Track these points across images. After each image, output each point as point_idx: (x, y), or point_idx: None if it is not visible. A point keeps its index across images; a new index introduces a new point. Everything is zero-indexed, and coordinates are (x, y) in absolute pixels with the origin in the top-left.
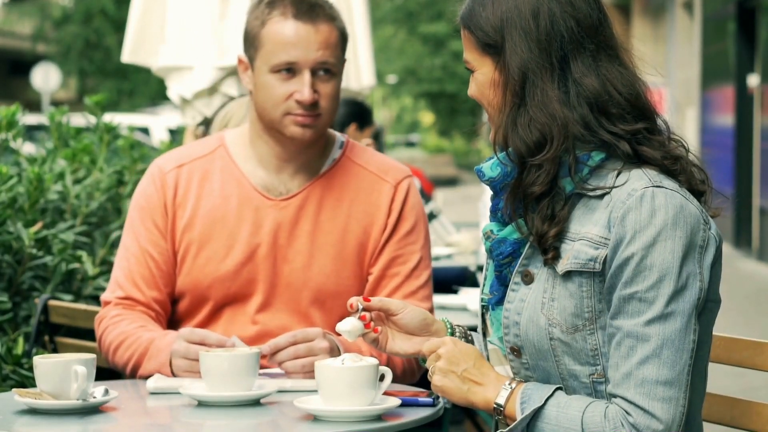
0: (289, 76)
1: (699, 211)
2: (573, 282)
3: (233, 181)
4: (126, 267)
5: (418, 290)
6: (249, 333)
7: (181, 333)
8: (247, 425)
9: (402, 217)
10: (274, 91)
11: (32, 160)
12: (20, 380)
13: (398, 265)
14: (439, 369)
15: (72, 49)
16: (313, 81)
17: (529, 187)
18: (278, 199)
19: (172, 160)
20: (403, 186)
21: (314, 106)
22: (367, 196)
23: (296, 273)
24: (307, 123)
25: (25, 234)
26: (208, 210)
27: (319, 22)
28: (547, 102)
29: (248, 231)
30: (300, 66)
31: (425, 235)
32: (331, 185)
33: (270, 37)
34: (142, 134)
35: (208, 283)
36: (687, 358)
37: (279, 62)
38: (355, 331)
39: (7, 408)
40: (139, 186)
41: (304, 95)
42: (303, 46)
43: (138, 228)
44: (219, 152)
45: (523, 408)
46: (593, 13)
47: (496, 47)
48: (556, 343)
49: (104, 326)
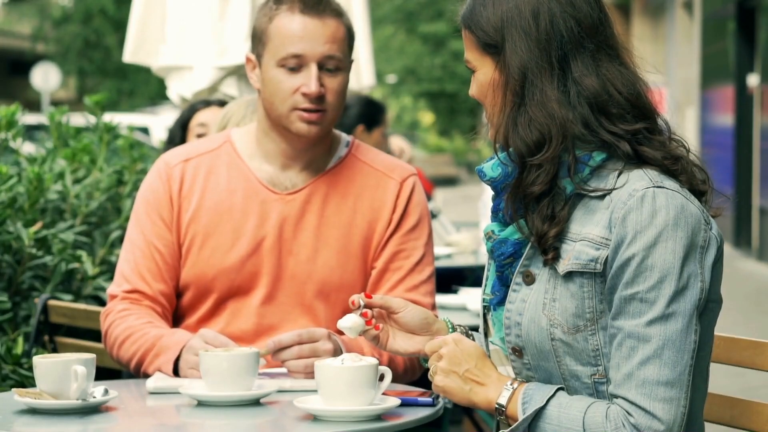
0: (296, 70)
1: (700, 211)
2: (574, 282)
3: (239, 176)
4: (132, 260)
5: (421, 285)
6: (251, 325)
7: (203, 332)
8: (246, 425)
9: (407, 213)
10: (281, 85)
11: (32, 160)
12: (20, 380)
13: (401, 260)
14: (441, 369)
15: (71, 49)
16: (320, 75)
17: (529, 187)
18: (284, 193)
19: (178, 155)
20: (408, 183)
21: (320, 100)
22: (372, 192)
23: (301, 266)
24: (312, 119)
25: (24, 234)
26: (214, 203)
27: (326, 17)
28: (547, 102)
29: (254, 224)
30: (307, 59)
31: (429, 233)
32: (337, 181)
33: (277, 31)
34: (142, 134)
35: (213, 274)
36: (688, 359)
37: (286, 55)
38: (357, 328)
39: (7, 408)
40: (145, 180)
41: (310, 88)
42: (310, 39)
43: (144, 221)
44: (225, 148)
45: (524, 408)
46: (594, 12)
47: (496, 47)
48: (557, 344)
49: (111, 320)
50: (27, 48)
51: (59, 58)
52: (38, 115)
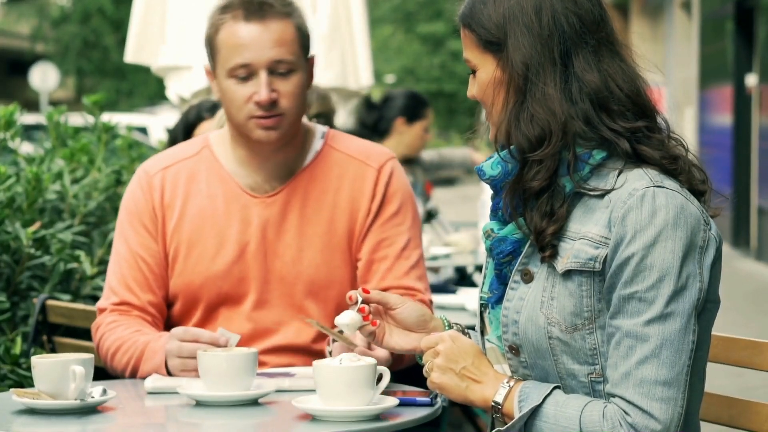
0: (247, 79)
1: (699, 211)
2: (573, 281)
3: (219, 181)
4: (119, 272)
5: (410, 270)
6: (246, 331)
7: (174, 332)
8: (245, 425)
9: (386, 199)
10: (234, 96)
11: (30, 160)
12: (18, 380)
13: (385, 248)
14: (438, 366)
15: (70, 49)
16: (272, 80)
17: (529, 182)
18: (264, 197)
19: (157, 164)
20: (386, 169)
21: (274, 105)
22: (351, 183)
23: (287, 267)
24: (269, 125)
25: (23, 234)
26: (197, 210)
27: (270, 21)
28: (549, 98)
29: (237, 229)
30: (255, 67)
31: (413, 216)
32: (315, 177)
33: (224, 42)
34: (141, 134)
35: (200, 283)
36: (686, 359)
37: (234, 65)
38: (354, 324)
39: (5, 408)
40: (126, 191)
41: (261, 95)
42: (255, 46)
43: (128, 232)
44: (204, 153)
45: (521, 406)
46: (594, 9)
47: (498, 44)
48: (554, 342)
49: (101, 333)
50: (26, 48)
51: (58, 58)
52: (37, 115)
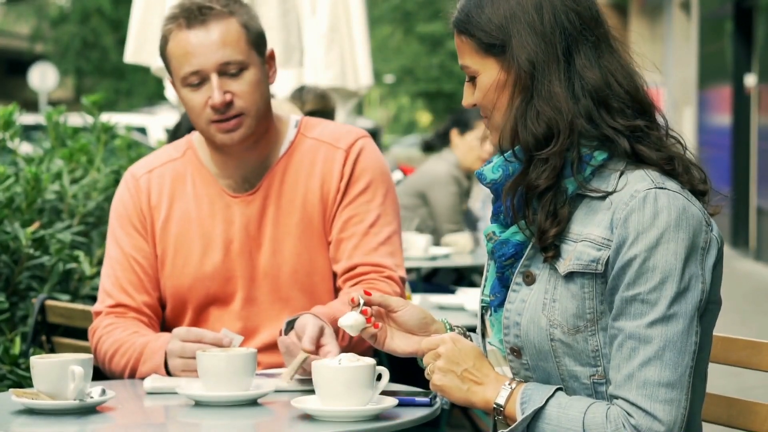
0: (200, 85)
1: (701, 212)
2: (575, 283)
3: (203, 182)
4: (113, 275)
5: (379, 247)
6: (237, 330)
7: (176, 332)
8: (244, 425)
9: (353, 177)
10: (192, 103)
11: (29, 160)
12: (17, 380)
13: (353, 226)
14: (439, 368)
15: (69, 49)
16: (224, 82)
17: (535, 181)
18: (244, 195)
19: (143, 166)
20: (354, 149)
21: (230, 106)
22: (322, 167)
23: (269, 261)
24: (230, 127)
25: (22, 234)
26: (182, 211)
27: (211, 24)
28: (554, 95)
29: (221, 230)
30: (205, 72)
31: (384, 193)
32: (289, 167)
33: (173, 53)
34: (140, 134)
35: (189, 284)
36: (689, 360)
37: (185, 74)
38: (357, 326)
39: (4, 408)
40: (115, 195)
41: (214, 99)
42: (201, 52)
43: (119, 235)
44: (188, 155)
45: (523, 408)
46: (592, 6)
47: (501, 46)
48: (556, 344)
49: (98, 336)
50: (25, 48)
51: (57, 58)
52: (36, 115)
